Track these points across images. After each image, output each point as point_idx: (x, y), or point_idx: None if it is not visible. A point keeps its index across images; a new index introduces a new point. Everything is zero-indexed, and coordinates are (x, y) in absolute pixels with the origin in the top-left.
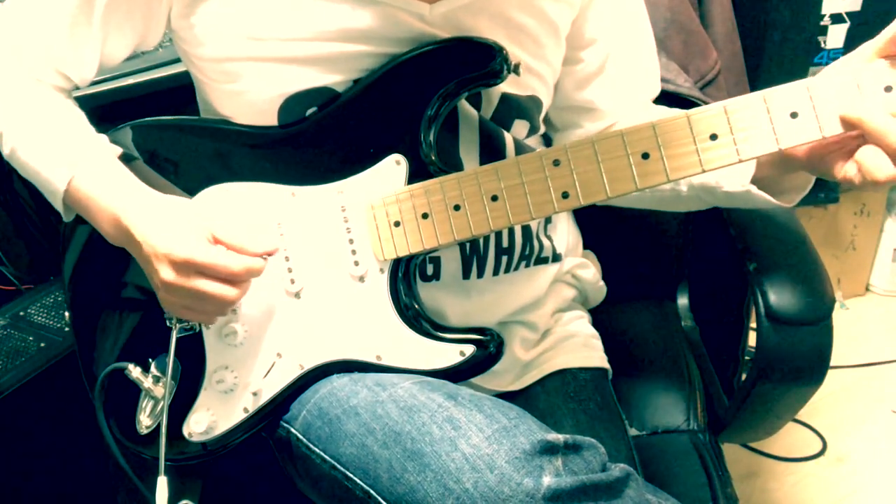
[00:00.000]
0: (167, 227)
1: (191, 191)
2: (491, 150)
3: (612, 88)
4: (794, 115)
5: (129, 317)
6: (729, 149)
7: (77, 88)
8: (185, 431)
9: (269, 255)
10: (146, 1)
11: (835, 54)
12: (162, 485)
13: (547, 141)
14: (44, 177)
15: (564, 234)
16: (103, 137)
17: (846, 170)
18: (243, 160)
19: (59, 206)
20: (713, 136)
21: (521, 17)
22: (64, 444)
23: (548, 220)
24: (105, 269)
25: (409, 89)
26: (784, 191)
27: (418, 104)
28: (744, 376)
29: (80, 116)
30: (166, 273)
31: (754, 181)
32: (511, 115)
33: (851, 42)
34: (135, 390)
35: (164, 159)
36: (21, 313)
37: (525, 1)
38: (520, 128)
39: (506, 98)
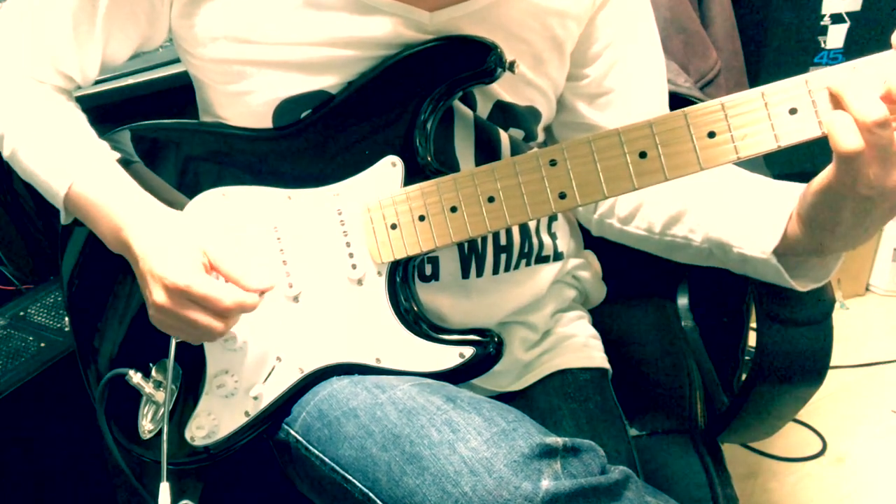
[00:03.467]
0: (164, 249)
1: (188, 194)
2: (487, 150)
3: (616, 108)
4: (793, 111)
5: (128, 321)
6: (727, 146)
7: (79, 88)
8: (187, 436)
9: (263, 292)
10: (149, 1)
11: (835, 54)
12: (164, 490)
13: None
14: (43, 180)
15: (566, 234)
16: (104, 143)
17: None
18: (240, 163)
19: (60, 207)
20: (711, 134)
21: (524, 31)
22: (64, 444)
23: (551, 219)
24: (103, 272)
25: (403, 90)
26: (803, 275)
27: (413, 105)
28: (744, 376)
29: (82, 120)
30: (159, 295)
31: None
32: (507, 122)
33: (851, 42)
34: (136, 393)
35: (163, 162)
36: (21, 313)
37: (529, 15)
38: (514, 135)
39: (502, 105)
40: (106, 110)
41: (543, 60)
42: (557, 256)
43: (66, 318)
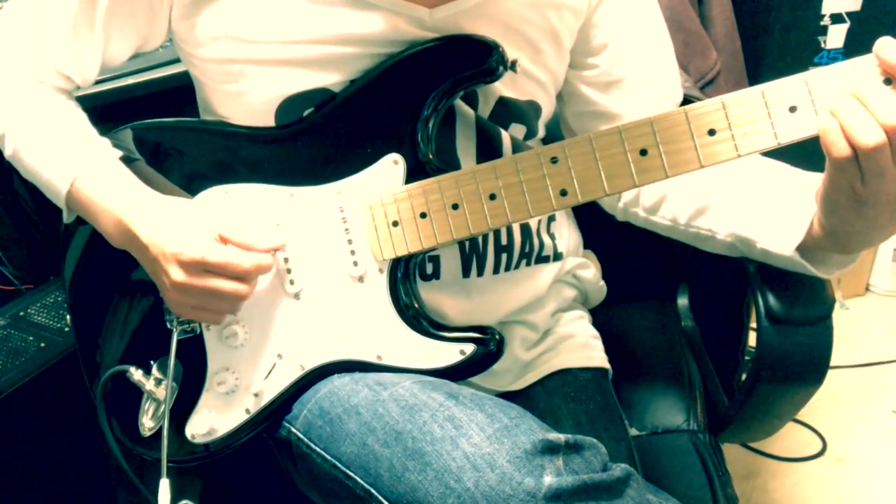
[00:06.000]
0: (173, 228)
1: (191, 192)
2: (488, 149)
3: (630, 94)
4: (792, 109)
5: (130, 319)
6: (727, 144)
7: (79, 89)
8: (188, 433)
9: (277, 250)
10: (148, 2)
11: (835, 54)
12: (164, 487)
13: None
14: (45, 178)
15: (566, 233)
16: (105, 140)
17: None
18: (242, 161)
19: (62, 206)
20: (711, 132)
21: (521, 23)
22: (64, 444)
23: (551, 219)
24: (106, 270)
25: (406, 88)
26: (828, 262)
27: (415, 103)
28: (744, 376)
29: (82, 118)
30: (176, 274)
31: (801, 246)
32: (508, 118)
33: (851, 42)
34: (137, 391)
35: (165, 161)
36: (21, 313)
37: (526, 8)
38: (516, 131)
39: (504, 101)
40: (106, 110)
41: (541, 52)
42: (557, 256)
43: (67, 319)
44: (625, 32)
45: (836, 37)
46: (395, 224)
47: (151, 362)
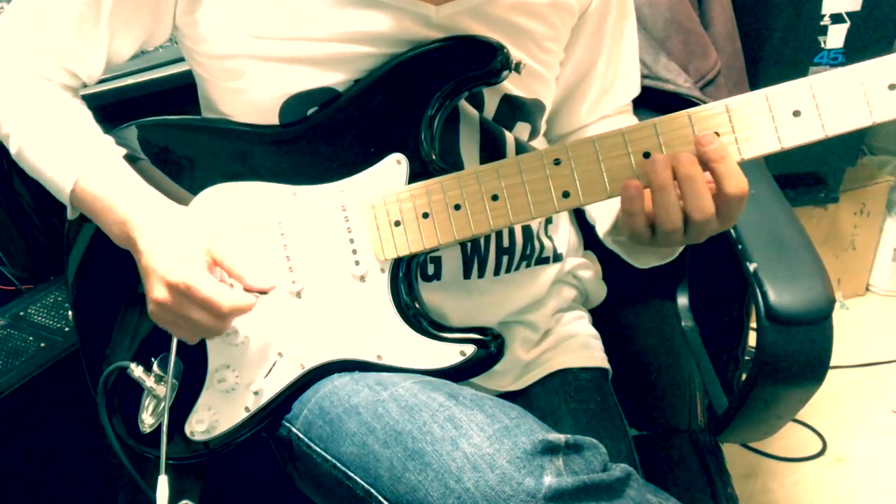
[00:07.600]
0: (168, 246)
1: (194, 190)
2: (492, 150)
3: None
4: (796, 113)
5: (131, 316)
6: (731, 147)
7: (85, 86)
8: (187, 430)
9: (265, 292)
10: None
11: (835, 54)
12: (163, 483)
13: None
14: (49, 177)
15: (565, 235)
16: (109, 138)
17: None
18: (245, 159)
19: (66, 204)
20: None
21: (526, 20)
22: (64, 444)
23: (548, 221)
24: (108, 267)
25: (410, 88)
26: (649, 253)
27: (419, 103)
28: (744, 376)
29: (87, 116)
30: (159, 292)
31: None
32: (514, 116)
33: (851, 42)
34: (137, 389)
35: (168, 158)
36: (21, 313)
37: (529, 5)
38: (521, 130)
39: (509, 99)
40: (107, 110)
41: (545, 49)
42: (557, 258)
43: (67, 318)
44: (589, 42)
45: (836, 37)
46: (398, 224)
47: (152, 359)
